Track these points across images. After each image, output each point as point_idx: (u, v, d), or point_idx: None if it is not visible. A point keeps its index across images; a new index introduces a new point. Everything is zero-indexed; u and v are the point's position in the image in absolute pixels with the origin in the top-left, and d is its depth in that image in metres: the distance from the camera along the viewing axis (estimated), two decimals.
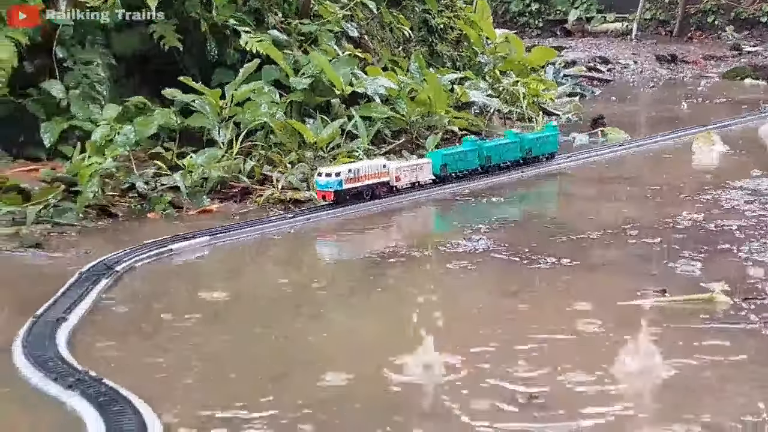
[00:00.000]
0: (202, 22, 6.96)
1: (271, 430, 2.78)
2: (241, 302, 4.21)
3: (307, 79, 6.91)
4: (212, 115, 6.40)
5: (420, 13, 9.55)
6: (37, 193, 5.40)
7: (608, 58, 16.72)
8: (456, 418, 2.87)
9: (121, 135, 5.85)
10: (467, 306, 4.06)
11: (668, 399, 3.02)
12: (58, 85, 6.20)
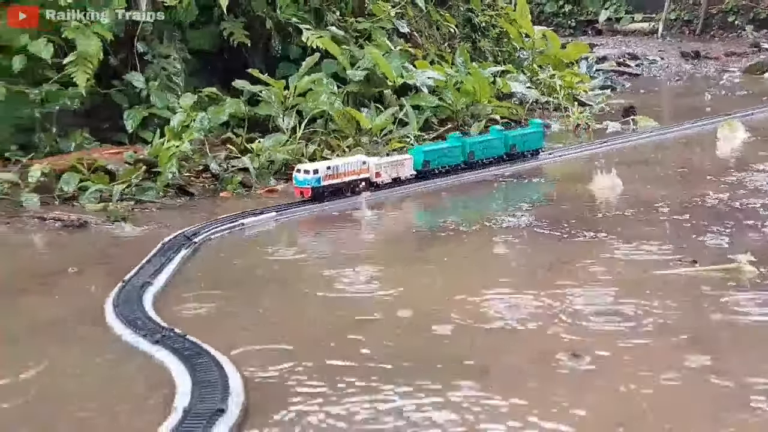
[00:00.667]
0: (267, 20, 7.04)
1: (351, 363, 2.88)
2: (307, 266, 4.30)
3: (362, 72, 6.98)
4: (277, 105, 6.48)
5: (464, 12, 9.55)
6: (121, 173, 5.50)
7: (636, 54, 16.60)
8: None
9: (197, 122, 5.97)
10: (510, 270, 4.10)
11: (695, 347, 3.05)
12: (139, 77, 6.30)
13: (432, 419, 2.60)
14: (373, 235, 5.02)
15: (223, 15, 6.75)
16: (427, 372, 2.94)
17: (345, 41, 7.24)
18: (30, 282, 3.99)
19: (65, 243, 4.60)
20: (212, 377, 2.81)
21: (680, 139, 7.88)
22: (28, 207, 5.11)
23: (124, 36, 6.27)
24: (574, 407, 2.62)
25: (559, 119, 8.49)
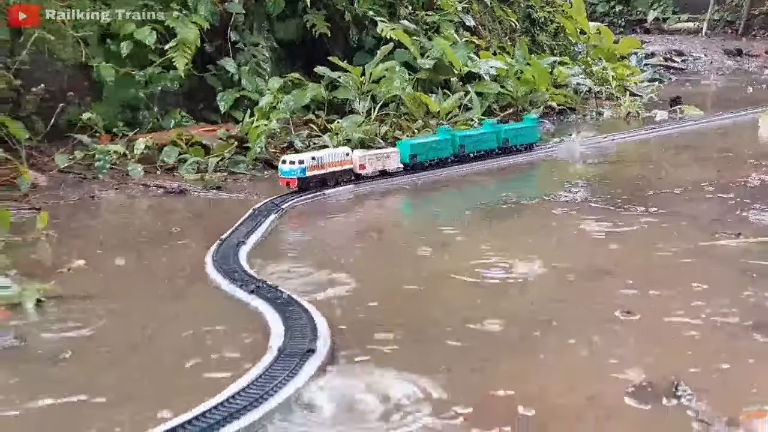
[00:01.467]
0: (346, 13, 7.08)
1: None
2: (381, 231, 4.36)
3: (431, 61, 7.00)
4: (354, 89, 6.53)
5: (524, 8, 9.50)
6: (215, 148, 5.61)
7: (682, 51, 16.34)
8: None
9: (282, 103, 6.04)
10: (568, 238, 4.11)
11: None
12: (231, 63, 6.38)
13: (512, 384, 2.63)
14: (439, 207, 5.05)
15: (306, 8, 6.82)
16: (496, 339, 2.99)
17: (415, 33, 7.26)
18: (140, 239, 4.11)
19: (168, 207, 4.71)
20: (302, 323, 2.88)
21: (724, 127, 7.76)
22: (133, 176, 5.23)
23: (218, 25, 6.35)
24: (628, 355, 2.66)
25: (611, 107, 8.42)
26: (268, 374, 2.49)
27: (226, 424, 2.20)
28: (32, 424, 2.29)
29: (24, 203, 4.57)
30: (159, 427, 2.14)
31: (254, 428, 2.23)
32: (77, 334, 2.89)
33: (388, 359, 2.67)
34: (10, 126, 4.82)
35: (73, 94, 5.72)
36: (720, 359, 2.67)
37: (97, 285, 3.39)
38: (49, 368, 2.64)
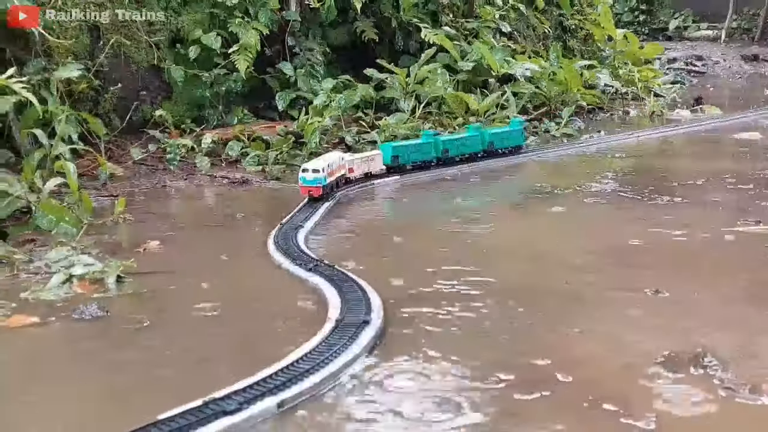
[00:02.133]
0: (392, 20, 7.09)
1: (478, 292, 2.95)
2: (425, 215, 4.38)
3: (470, 63, 6.98)
4: (399, 90, 6.55)
5: (556, 16, 9.43)
6: (274, 142, 5.65)
7: (702, 56, 16.11)
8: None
9: (335, 102, 6.07)
10: (601, 223, 4.10)
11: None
12: (288, 66, 6.43)
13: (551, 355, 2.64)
14: (488, 196, 5.04)
15: (356, 16, 6.85)
16: (539, 298, 2.99)
17: (456, 38, 7.25)
18: (210, 223, 4.16)
19: (232, 195, 4.77)
20: (357, 297, 2.90)
21: (742, 126, 7.64)
22: (200, 168, 5.30)
23: (277, 32, 6.40)
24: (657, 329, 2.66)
25: (637, 107, 8.34)
26: (328, 342, 2.52)
27: (291, 385, 2.24)
28: (117, 383, 2.34)
29: (103, 191, 4.66)
30: (230, 387, 2.18)
31: (314, 391, 2.26)
32: (153, 305, 2.95)
33: (435, 331, 2.68)
34: (90, 122, 4.90)
35: (146, 93, 5.81)
36: (743, 333, 2.65)
37: (170, 262, 3.46)
38: (130, 334, 2.70)
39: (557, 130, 6.70)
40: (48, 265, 3.33)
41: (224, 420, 2.05)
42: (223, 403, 2.11)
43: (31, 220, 3.85)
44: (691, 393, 2.24)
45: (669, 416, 2.11)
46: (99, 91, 5.43)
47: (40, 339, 2.68)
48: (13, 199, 3.81)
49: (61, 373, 2.40)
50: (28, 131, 4.44)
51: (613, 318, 2.80)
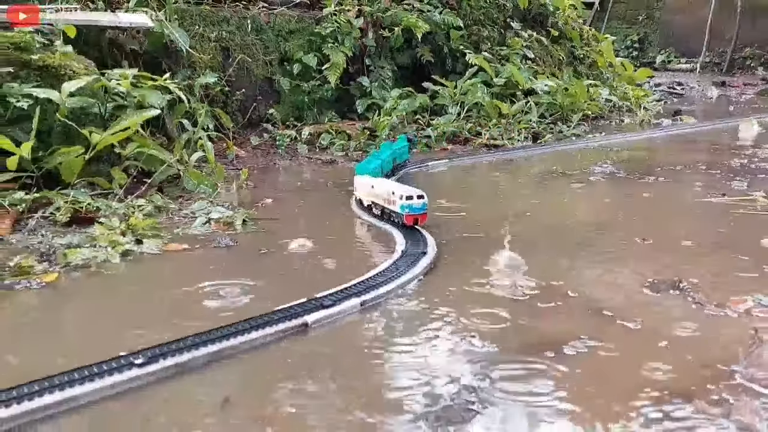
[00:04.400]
0: (444, 47, 7.06)
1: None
2: (473, 187, 4.38)
3: (502, 79, 6.90)
4: (448, 99, 6.52)
5: (569, 48, 9.24)
6: (354, 135, 5.69)
7: (681, 82, 15.63)
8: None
9: (400, 106, 6.08)
10: (602, 196, 4.05)
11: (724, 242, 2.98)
12: (366, 79, 6.45)
13: (565, 279, 2.64)
14: (516, 176, 5.03)
15: (417, 43, 6.83)
16: (559, 247, 3.00)
17: (492, 61, 7.18)
18: (309, 189, 4.24)
19: (323, 171, 4.83)
20: (417, 238, 2.95)
21: (712, 131, 7.40)
22: (300, 152, 5.38)
23: (358, 54, 6.41)
24: (644, 264, 2.64)
25: (630, 117, 8.15)
26: (395, 266, 2.58)
27: (370, 291, 2.30)
28: (245, 291, 2.43)
29: (230, 167, 4.77)
30: (327, 291, 2.26)
31: (385, 296, 2.32)
32: (268, 240, 3.04)
33: (476, 262, 2.72)
34: (222, 117, 5.02)
35: (262, 98, 5.90)
36: (711, 268, 2.62)
37: (279, 213, 3.54)
38: (253, 259, 2.80)
39: (568, 131, 6.60)
40: (192, 212, 3.46)
41: (323, 311, 2.13)
42: (322, 300, 2.19)
43: (180, 183, 3.98)
44: (670, 306, 2.24)
45: (652, 320, 2.12)
46: (228, 95, 5.54)
47: (190, 258, 2.79)
48: (167, 168, 3.94)
49: (206, 277, 2.50)
50: (177, 121, 4.58)
51: (612, 256, 2.79)
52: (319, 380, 1.74)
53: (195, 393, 1.70)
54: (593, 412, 1.59)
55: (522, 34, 8.07)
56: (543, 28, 8.76)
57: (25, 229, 3.04)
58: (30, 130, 3.37)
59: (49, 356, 1.87)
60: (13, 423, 1.54)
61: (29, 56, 3.75)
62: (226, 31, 5.69)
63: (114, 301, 2.33)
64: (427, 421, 1.55)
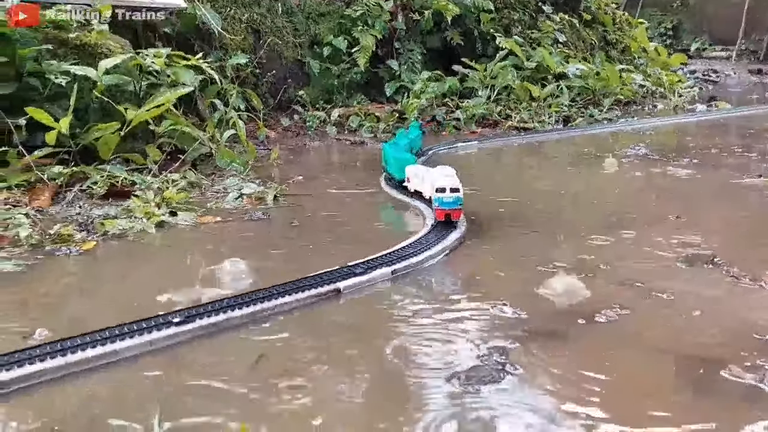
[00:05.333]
0: (474, 30, 7.03)
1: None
2: (503, 167, 4.38)
3: (533, 63, 6.85)
4: (478, 82, 6.50)
5: (601, 32, 9.13)
6: (383, 117, 5.71)
7: (716, 70, 15.33)
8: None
9: (429, 89, 6.08)
10: (635, 176, 4.02)
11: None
12: (395, 63, 6.45)
13: (596, 254, 2.64)
14: (549, 157, 5.00)
15: (447, 27, 6.81)
16: (591, 223, 2.98)
17: (523, 45, 7.13)
18: (339, 168, 4.28)
19: (352, 152, 4.87)
20: None
21: (747, 117, 7.26)
22: (330, 134, 5.41)
23: (387, 37, 6.42)
24: (679, 239, 2.63)
25: (663, 103, 8.03)
26: (425, 239, 2.60)
27: (401, 261, 2.32)
28: (277, 255, 2.48)
29: (261, 147, 4.82)
30: (359, 260, 2.28)
31: (416, 266, 2.34)
32: (299, 213, 3.08)
33: (506, 235, 2.72)
34: (253, 98, 5.07)
35: (292, 80, 5.95)
36: (746, 246, 2.60)
37: (309, 189, 3.58)
38: (285, 230, 2.84)
39: (599, 115, 6.53)
40: (225, 188, 3.51)
41: (355, 278, 2.16)
42: (354, 268, 2.22)
43: (212, 161, 4.04)
44: (704, 279, 2.23)
45: (686, 291, 2.11)
46: (258, 77, 5.60)
47: (223, 229, 2.85)
48: (199, 146, 4.00)
49: (239, 246, 2.55)
50: (209, 102, 4.63)
51: (644, 232, 2.77)
52: (350, 341, 1.78)
53: (230, 350, 1.74)
54: (623, 377, 1.60)
55: (554, 18, 7.99)
56: (575, 11, 8.66)
57: (64, 202, 3.12)
58: (67, 107, 3.45)
59: (89, 315, 1.93)
60: (65, 371, 1.60)
61: (67, 35, 3.84)
62: (257, 13, 5.74)
63: (150, 267, 2.39)
64: (458, 379, 1.57)
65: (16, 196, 3.13)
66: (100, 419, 1.41)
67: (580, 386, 1.54)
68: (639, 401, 1.49)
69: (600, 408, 1.45)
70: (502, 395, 1.50)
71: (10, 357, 1.61)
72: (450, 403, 1.47)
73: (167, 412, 1.44)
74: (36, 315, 1.94)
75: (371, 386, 1.55)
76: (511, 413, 1.43)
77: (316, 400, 1.49)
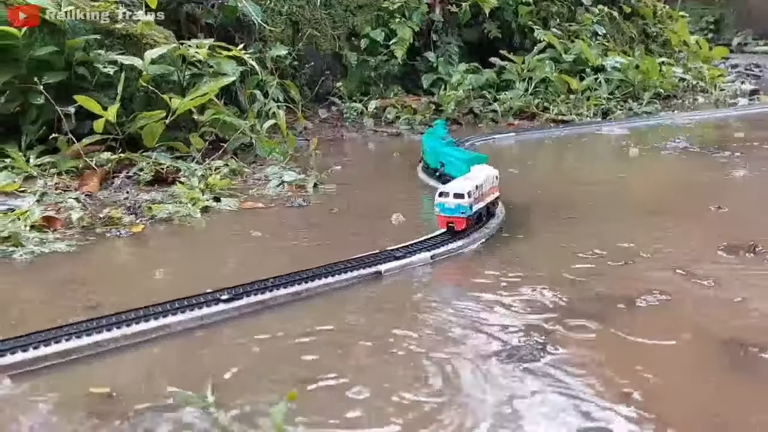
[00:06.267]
0: (512, 23, 7.00)
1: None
2: (541, 158, 4.38)
3: (572, 56, 6.80)
4: (516, 75, 6.47)
5: (641, 25, 9.01)
6: (420, 109, 5.75)
7: (759, 64, 14.98)
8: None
9: (466, 81, 6.09)
10: (675, 168, 3.99)
11: None
12: (432, 55, 6.46)
13: (636, 242, 2.64)
14: (586, 150, 4.98)
15: (485, 19, 6.80)
16: (631, 213, 2.99)
17: (561, 37, 7.08)
18: (376, 158, 4.34)
19: (390, 143, 4.92)
20: None
21: None
22: (366, 125, 5.47)
23: (425, 29, 6.44)
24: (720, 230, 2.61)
25: (704, 96, 7.90)
26: None
27: (440, 246, 2.36)
28: (318, 238, 2.54)
29: (299, 137, 4.90)
30: (399, 245, 2.33)
31: (456, 251, 2.38)
32: (339, 201, 3.14)
33: (546, 223, 2.75)
34: (291, 89, 5.14)
35: (329, 72, 6.00)
36: None
37: (348, 178, 3.64)
38: (325, 216, 2.90)
39: (639, 108, 6.47)
40: (266, 176, 3.59)
41: (394, 262, 2.21)
42: (394, 252, 2.27)
43: (252, 151, 4.12)
44: (746, 267, 2.22)
45: (727, 279, 2.11)
46: (296, 69, 5.68)
47: (265, 214, 2.92)
48: (239, 135, 4.09)
49: (281, 230, 2.62)
50: (249, 92, 4.72)
51: (685, 222, 2.77)
52: (391, 321, 1.83)
53: (275, 326, 1.81)
54: (662, 359, 1.61)
55: (593, 10, 7.90)
56: (615, 4, 8.55)
57: (111, 187, 3.24)
58: (114, 96, 3.56)
59: (141, 292, 2.01)
60: (125, 341, 1.69)
61: (113, 25, 3.96)
62: (296, 5, 5.81)
63: (197, 248, 2.47)
64: (499, 357, 1.61)
65: (66, 182, 3.26)
66: (158, 385, 1.49)
67: (620, 367, 1.57)
68: (678, 382, 1.51)
69: (639, 389, 1.47)
70: (542, 373, 1.54)
71: (78, 326, 1.70)
72: (490, 380, 1.51)
73: (219, 383, 1.50)
74: (93, 291, 2.03)
75: (413, 363, 1.60)
76: (550, 391, 1.46)
77: (358, 378, 1.54)
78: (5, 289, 2.06)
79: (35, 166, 3.32)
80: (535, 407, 1.40)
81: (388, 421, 1.35)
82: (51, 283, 2.10)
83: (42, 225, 2.60)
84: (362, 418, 1.36)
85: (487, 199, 2.62)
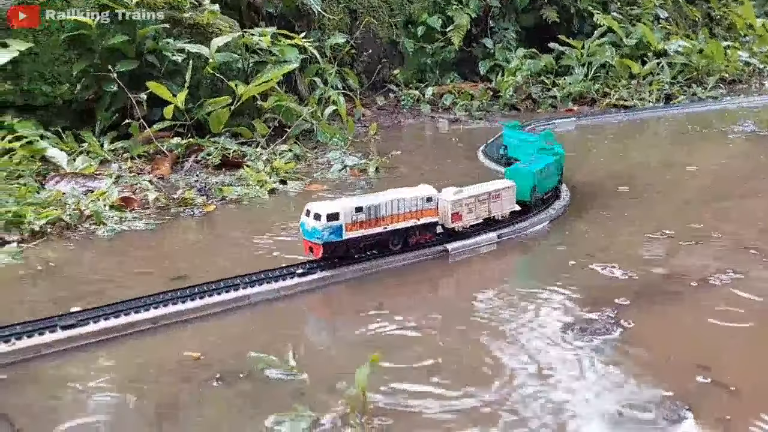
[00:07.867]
0: (571, 7, 6.91)
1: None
2: (603, 142, 4.33)
3: (633, 40, 6.66)
4: (575, 60, 6.39)
5: (705, 8, 8.75)
6: (477, 96, 5.70)
7: None
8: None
9: (524, 66, 6.04)
10: (742, 151, 3.89)
11: None
12: (489, 41, 6.43)
13: (706, 222, 2.61)
14: (652, 135, 4.90)
15: (543, 4, 6.72)
16: (698, 195, 2.94)
17: (622, 21, 6.94)
18: (435, 143, 4.36)
19: (447, 129, 4.93)
20: None
21: None
22: (423, 111, 5.49)
23: (482, 15, 6.40)
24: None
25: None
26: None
27: (506, 227, 2.39)
28: None
29: (358, 124, 4.96)
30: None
31: (520, 231, 2.40)
32: (403, 184, 3.18)
33: (610, 207, 2.73)
34: (350, 77, 5.21)
35: (386, 60, 6.03)
36: None
37: (408, 162, 3.69)
38: None
39: (703, 93, 6.30)
40: (328, 160, 3.67)
41: (461, 241, 2.25)
42: (459, 234, 2.31)
43: (313, 137, 4.21)
44: None
45: None
46: (354, 57, 5.73)
47: (330, 197, 2.99)
48: (301, 122, 4.18)
49: None
50: (309, 80, 4.81)
51: (756, 204, 2.71)
52: (460, 295, 1.87)
53: (345, 298, 1.87)
54: (734, 333, 1.61)
55: None
56: None
57: (182, 171, 3.37)
58: (181, 83, 3.69)
59: (219, 265, 2.11)
60: (212, 309, 1.78)
61: (181, 14, 4.09)
62: None
63: (267, 227, 2.56)
64: (572, 331, 1.63)
65: (139, 165, 3.40)
66: (242, 351, 1.57)
67: (690, 340, 1.57)
68: (753, 355, 1.51)
69: (714, 362, 1.48)
70: (615, 346, 1.55)
71: (163, 295, 1.80)
72: (564, 350, 1.54)
73: (297, 349, 1.57)
74: (174, 264, 2.14)
75: (489, 334, 1.64)
76: (623, 362, 1.48)
77: (437, 348, 1.59)
78: (94, 262, 2.18)
79: (109, 150, 3.48)
80: (609, 377, 1.42)
81: (482, 382, 1.39)
82: (136, 258, 2.21)
83: (120, 205, 2.73)
84: (446, 384, 1.41)
85: (398, 224, 2.07)
